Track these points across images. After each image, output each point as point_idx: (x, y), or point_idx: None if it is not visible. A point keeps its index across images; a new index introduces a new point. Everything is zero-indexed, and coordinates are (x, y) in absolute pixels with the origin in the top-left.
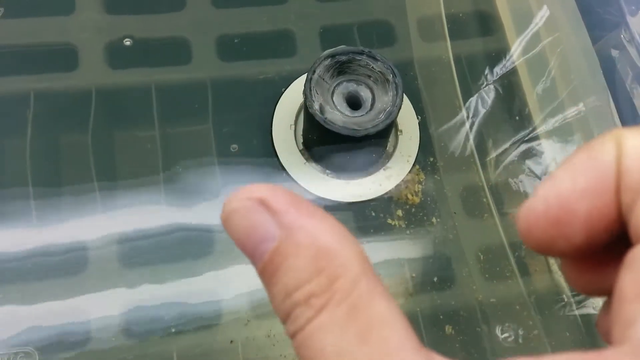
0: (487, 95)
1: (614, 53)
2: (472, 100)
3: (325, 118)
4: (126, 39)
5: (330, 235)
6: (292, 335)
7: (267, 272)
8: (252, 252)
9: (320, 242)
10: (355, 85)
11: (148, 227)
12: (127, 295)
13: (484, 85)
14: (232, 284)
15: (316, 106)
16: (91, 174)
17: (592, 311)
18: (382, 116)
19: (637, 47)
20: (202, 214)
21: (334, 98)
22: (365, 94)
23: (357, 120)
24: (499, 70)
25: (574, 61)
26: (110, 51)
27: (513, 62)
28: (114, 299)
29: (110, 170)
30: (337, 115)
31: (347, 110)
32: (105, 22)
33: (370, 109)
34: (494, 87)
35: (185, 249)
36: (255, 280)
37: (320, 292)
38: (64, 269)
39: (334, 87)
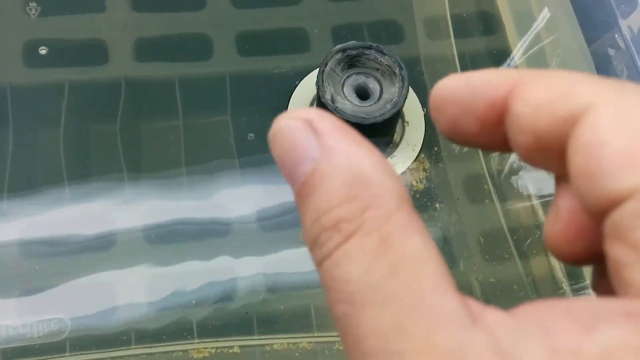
0: None
1: (611, 52)
2: None
3: (336, 107)
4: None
5: (370, 164)
6: (319, 264)
7: (301, 195)
8: (291, 172)
9: (358, 168)
10: (364, 77)
11: (171, 210)
12: (151, 270)
13: None
14: (248, 263)
15: (328, 96)
16: (120, 160)
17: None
18: (388, 106)
19: (629, 48)
20: (221, 199)
21: (344, 89)
22: (373, 85)
23: (365, 109)
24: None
25: (571, 63)
26: (138, 46)
27: (515, 63)
28: (139, 274)
29: (137, 157)
30: (347, 104)
31: (356, 101)
32: (133, 20)
33: (378, 100)
34: None
35: (205, 231)
36: (268, 259)
37: (351, 218)
38: (94, 246)
39: (344, 79)
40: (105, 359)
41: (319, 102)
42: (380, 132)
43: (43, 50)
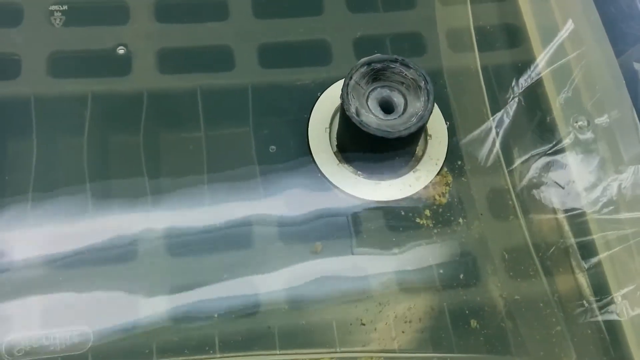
0: (513, 106)
1: (637, 66)
2: (500, 111)
3: (361, 120)
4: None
5: None
6: None
7: None
8: None
9: None
10: (388, 91)
11: (192, 221)
12: (174, 283)
13: (510, 97)
14: (270, 276)
15: (352, 109)
16: (142, 171)
17: (615, 317)
18: (414, 119)
19: None
20: (242, 210)
21: (368, 102)
22: (398, 99)
23: (390, 123)
24: (524, 81)
25: (598, 74)
26: (160, 57)
27: (539, 74)
28: (161, 286)
29: (159, 168)
30: (372, 118)
31: (380, 114)
32: (156, 31)
33: (403, 113)
34: (520, 98)
35: (227, 243)
36: (290, 273)
37: None
38: (117, 257)
39: (369, 93)
40: None
41: (343, 115)
42: (404, 146)
43: (121, 50)
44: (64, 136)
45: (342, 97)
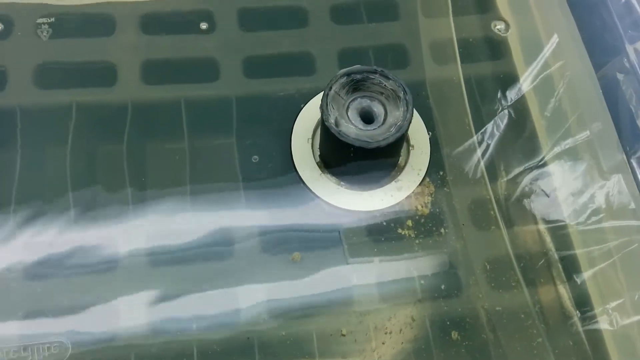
0: (496, 118)
1: (619, 76)
2: (483, 122)
3: (340, 130)
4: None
5: None
6: None
7: None
8: None
9: None
10: (368, 101)
11: (174, 232)
12: (153, 294)
13: (495, 110)
14: (250, 287)
15: (332, 119)
16: (125, 181)
17: (597, 327)
18: (392, 130)
19: (637, 72)
20: (224, 220)
21: (348, 113)
22: (378, 109)
23: (369, 133)
24: (509, 99)
25: (579, 88)
26: (145, 68)
27: (523, 90)
28: (141, 297)
29: (142, 179)
30: (351, 128)
31: (360, 124)
32: (141, 43)
33: (382, 124)
34: (504, 111)
35: (208, 253)
36: (270, 284)
37: None
38: (97, 269)
39: (349, 103)
40: None
41: (323, 125)
42: (385, 156)
43: (204, 25)
44: (48, 146)
45: (321, 107)
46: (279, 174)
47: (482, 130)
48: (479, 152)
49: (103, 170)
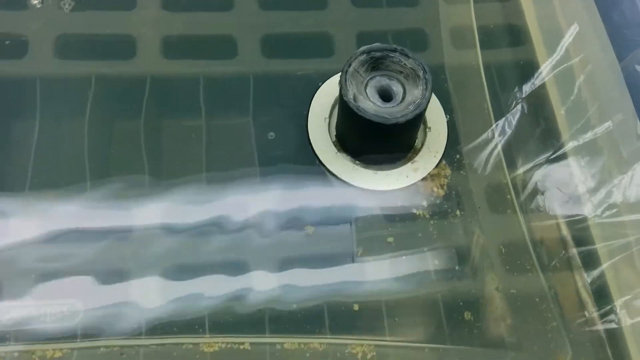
0: (518, 108)
1: (639, 68)
2: (501, 108)
3: (358, 106)
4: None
5: None
6: None
7: None
8: None
9: None
10: (387, 80)
11: (190, 204)
12: (167, 262)
13: (513, 98)
14: (263, 261)
15: (350, 95)
16: (141, 155)
17: (613, 312)
18: (411, 107)
19: None
20: (239, 195)
21: (367, 90)
22: (396, 88)
23: (387, 110)
24: (528, 87)
25: (600, 79)
26: (165, 43)
27: (542, 79)
28: (154, 267)
29: (158, 152)
30: (369, 104)
31: (379, 102)
32: (162, 18)
33: (401, 102)
34: (523, 99)
35: (223, 226)
36: (283, 258)
37: None
38: (112, 236)
39: (368, 81)
40: (115, 347)
41: (342, 101)
42: (402, 134)
43: (224, 2)
44: (66, 116)
45: (340, 83)
46: (294, 152)
47: (501, 116)
48: (497, 137)
49: (120, 144)
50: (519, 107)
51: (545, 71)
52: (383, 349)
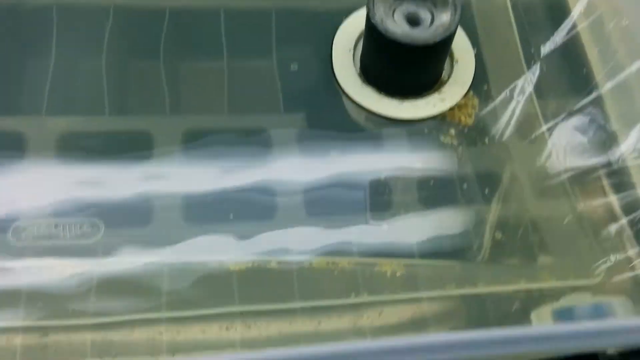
0: (550, 40)
1: None
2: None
3: (386, 28)
4: None
5: None
6: None
7: None
8: None
9: None
10: (415, 6)
11: (211, 153)
12: (190, 187)
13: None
14: (289, 186)
15: (377, 18)
16: (163, 93)
17: None
18: (440, 30)
19: None
20: (262, 124)
21: (394, 16)
22: (424, 14)
23: (416, 33)
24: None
25: (635, 13)
26: None
27: (573, 17)
28: (176, 186)
29: (177, 80)
30: (398, 28)
31: (406, 27)
32: None
33: (429, 27)
34: (554, 38)
35: (245, 154)
36: (308, 182)
37: None
38: (133, 162)
39: (396, 6)
40: (138, 265)
41: (368, 24)
42: (430, 61)
43: None
44: (82, 49)
45: (367, 5)
46: (318, 83)
47: (529, 50)
48: (525, 70)
49: (138, 81)
50: (548, 42)
51: (577, 9)
52: (412, 268)
